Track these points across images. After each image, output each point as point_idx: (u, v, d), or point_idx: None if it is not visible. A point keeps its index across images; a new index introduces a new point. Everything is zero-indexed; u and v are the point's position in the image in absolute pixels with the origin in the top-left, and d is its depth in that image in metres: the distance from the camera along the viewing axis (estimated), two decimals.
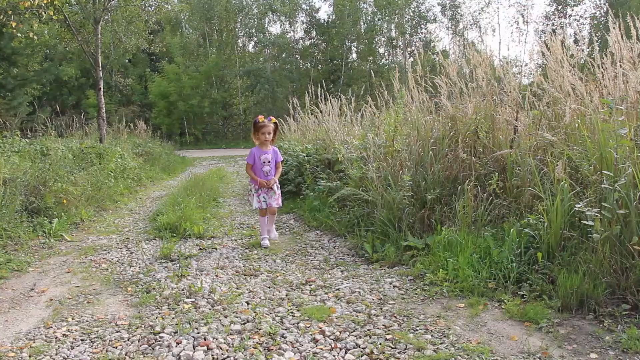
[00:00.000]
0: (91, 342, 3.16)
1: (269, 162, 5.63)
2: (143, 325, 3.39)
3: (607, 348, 2.90)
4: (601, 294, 3.35)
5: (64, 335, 3.26)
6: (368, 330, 3.23)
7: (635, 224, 3.41)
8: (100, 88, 14.41)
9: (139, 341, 3.14)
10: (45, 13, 10.75)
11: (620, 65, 4.41)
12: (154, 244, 5.80)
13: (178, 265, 4.86)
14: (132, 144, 15.42)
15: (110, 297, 4.03)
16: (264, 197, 5.66)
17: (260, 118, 5.61)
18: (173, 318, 3.51)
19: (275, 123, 5.64)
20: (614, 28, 4.46)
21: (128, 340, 3.17)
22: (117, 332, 3.30)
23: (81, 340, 3.18)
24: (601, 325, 3.18)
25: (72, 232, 6.49)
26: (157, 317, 3.54)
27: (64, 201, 6.91)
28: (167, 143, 20.68)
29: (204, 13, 34.76)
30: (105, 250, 5.59)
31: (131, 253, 5.44)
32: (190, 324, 3.39)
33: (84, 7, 14.17)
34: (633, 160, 3.60)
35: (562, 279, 3.47)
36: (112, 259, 5.22)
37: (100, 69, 14.45)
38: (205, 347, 3.02)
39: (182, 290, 4.11)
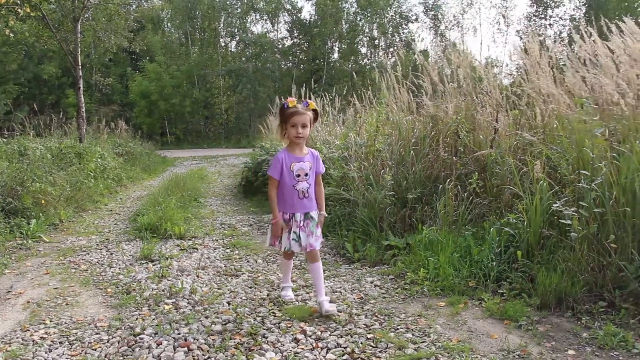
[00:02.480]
0: (70, 344, 3.12)
1: (306, 174, 3.51)
2: (123, 327, 3.36)
3: (584, 344, 2.94)
4: (579, 292, 3.39)
5: (41, 338, 3.22)
6: (349, 329, 3.24)
7: (611, 222, 3.46)
8: (79, 87, 14.25)
9: (118, 343, 3.11)
10: (21, 10, 10.60)
11: (588, 62, 4.47)
12: (134, 245, 5.75)
13: (159, 266, 4.83)
14: (113, 144, 15.30)
15: (89, 299, 3.99)
16: (296, 233, 3.51)
17: (291, 101, 3.45)
18: (153, 319, 3.49)
19: (314, 110, 3.51)
20: (586, 32, 4.52)
21: (107, 342, 3.14)
22: (96, 333, 3.26)
23: (59, 342, 3.14)
24: (579, 322, 3.22)
25: (50, 233, 6.42)
26: (137, 319, 3.51)
27: (43, 202, 6.82)
28: (148, 143, 20.53)
29: (186, 12, 34.54)
30: (84, 251, 5.53)
31: (111, 254, 5.39)
32: (170, 324, 3.37)
33: (62, 4, 13.99)
34: (608, 159, 3.65)
35: (541, 277, 3.50)
36: (92, 260, 5.17)
37: (80, 67, 14.28)
38: (186, 348, 3.00)
39: (163, 291, 4.09)
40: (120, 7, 15.74)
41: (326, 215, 3.80)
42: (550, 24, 34.19)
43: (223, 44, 37.16)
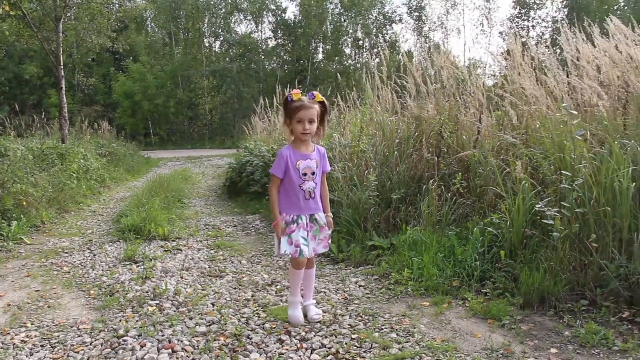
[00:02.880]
0: (51, 347, 3.09)
1: (313, 173, 3.26)
2: (106, 329, 3.33)
3: (566, 343, 2.97)
4: (561, 291, 3.42)
5: (22, 341, 3.18)
6: (334, 329, 3.24)
7: (592, 222, 3.50)
8: (62, 87, 14.11)
9: (101, 345, 3.09)
10: (1, 8, 10.46)
11: (570, 63, 4.53)
12: (117, 246, 5.71)
13: (142, 267, 4.80)
14: (96, 145, 15.17)
15: (72, 301, 3.95)
16: (304, 237, 3.26)
17: (296, 94, 3.17)
18: (137, 321, 3.46)
19: (322, 102, 3.22)
20: (568, 34, 4.58)
21: (90, 344, 3.11)
22: (79, 336, 3.23)
23: (41, 346, 3.11)
24: (561, 320, 3.26)
25: (32, 234, 6.35)
26: (120, 320, 3.48)
27: (24, 203, 6.74)
28: (131, 143, 20.38)
29: (170, 12, 34.35)
30: (67, 252, 5.48)
31: (94, 255, 5.34)
32: (154, 326, 3.34)
33: (43, 3, 13.83)
34: (588, 160, 3.70)
35: (524, 276, 3.54)
36: (74, 261, 5.12)
37: (62, 67, 14.14)
38: (170, 350, 2.98)
39: (147, 292, 4.06)
40: (102, 6, 15.60)
41: (332, 216, 3.50)
42: (532, 26, 34.59)
43: (207, 44, 37.04)
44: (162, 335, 3.19)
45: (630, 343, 2.87)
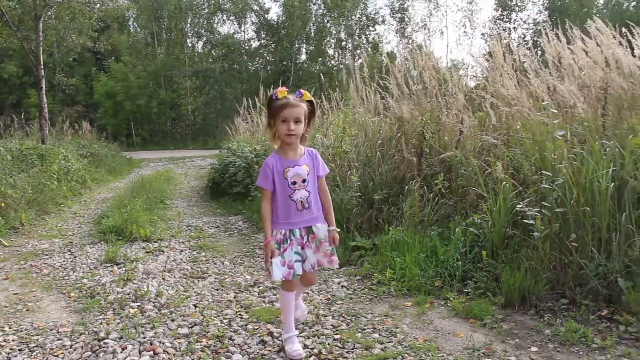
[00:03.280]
0: (30, 351, 3.04)
1: (303, 180, 2.90)
2: (87, 332, 3.30)
3: (546, 341, 3.01)
4: (542, 290, 3.46)
5: None
6: (316, 330, 3.24)
7: (572, 221, 3.54)
8: (42, 87, 13.92)
9: (82, 348, 3.05)
10: None
11: (551, 65, 4.58)
12: (98, 248, 5.66)
13: (124, 269, 4.75)
14: (77, 145, 15.01)
15: (51, 304, 3.90)
16: (298, 253, 2.91)
17: (281, 92, 2.85)
18: (118, 323, 3.43)
19: (310, 102, 2.91)
20: (549, 36, 4.63)
21: (70, 347, 3.08)
22: (58, 339, 3.19)
23: (19, 350, 3.06)
24: (542, 319, 3.29)
25: (10, 237, 6.26)
26: (101, 323, 3.45)
27: (2, 204, 6.65)
28: (113, 144, 20.19)
29: (152, 12, 34.12)
30: (46, 255, 5.41)
31: (75, 257, 5.28)
32: (136, 328, 3.32)
33: (22, 2, 13.65)
34: (569, 160, 3.74)
35: (506, 276, 3.56)
36: (54, 264, 5.06)
37: (42, 67, 13.96)
38: (151, 352, 2.96)
39: (128, 294, 4.03)
40: (84, 5, 15.45)
41: (338, 230, 3.04)
42: (514, 28, 34.89)
43: (190, 45, 36.86)
44: (144, 338, 3.17)
45: (609, 340, 2.91)
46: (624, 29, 4.43)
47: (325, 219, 2.98)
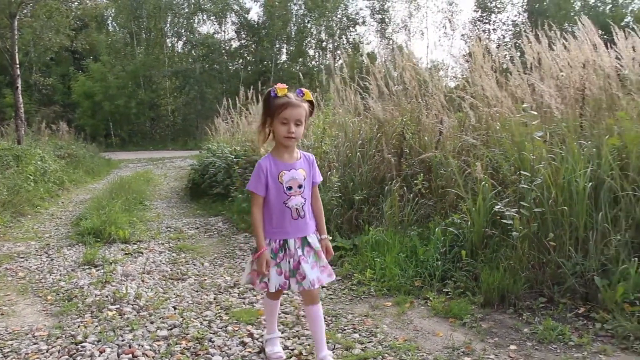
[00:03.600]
0: (4, 356, 2.98)
1: (300, 186, 2.66)
2: (64, 335, 3.25)
3: (525, 339, 3.04)
4: (520, 289, 3.49)
5: None
6: (296, 331, 3.24)
7: (550, 221, 3.58)
8: (18, 87, 13.70)
9: (58, 352, 3.01)
10: None
11: (537, 72, 4.64)
12: (76, 250, 5.58)
13: (102, 271, 4.70)
14: (54, 146, 14.80)
15: (27, 307, 3.84)
16: (289, 264, 2.65)
17: (281, 89, 2.59)
18: (96, 326, 3.39)
19: (310, 102, 2.66)
20: (529, 37, 4.68)
21: (47, 352, 3.03)
22: (34, 344, 3.14)
23: None
24: (520, 318, 3.32)
25: None
26: (79, 326, 3.40)
27: None
28: (91, 145, 19.95)
29: (131, 11, 33.80)
30: (22, 257, 5.32)
31: (52, 260, 5.21)
32: (114, 331, 3.28)
33: None
34: (547, 161, 3.78)
35: (485, 275, 3.59)
36: (30, 266, 4.98)
37: (18, 66, 13.74)
38: (130, 355, 2.93)
39: (107, 296, 3.98)
40: (61, 3, 15.24)
41: (330, 238, 2.89)
42: (494, 29, 35.20)
43: (170, 45, 36.57)
44: (122, 340, 3.13)
45: (585, 338, 2.95)
46: (600, 31, 4.50)
47: (316, 227, 2.77)
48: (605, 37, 4.48)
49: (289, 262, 2.63)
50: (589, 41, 4.43)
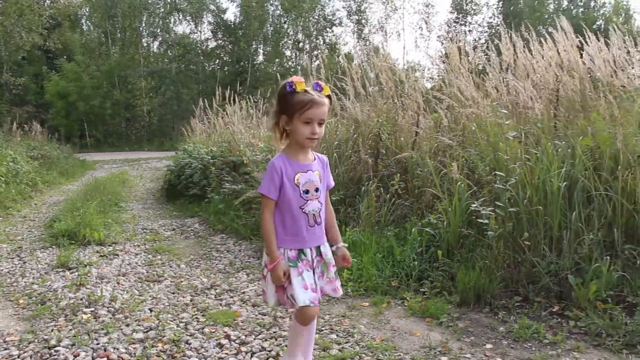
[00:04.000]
0: None
1: (317, 189, 2.39)
2: (36, 340, 3.18)
3: (501, 338, 3.07)
4: (496, 288, 3.53)
5: None
6: (274, 332, 3.22)
7: (525, 220, 3.63)
8: None
9: (31, 357, 2.94)
10: None
11: (512, 73, 4.69)
12: (50, 253, 5.49)
13: (77, 273, 4.62)
14: (27, 147, 14.54)
15: None
16: (310, 275, 2.36)
17: (299, 82, 2.31)
18: (70, 330, 3.33)
19: (328, 97, 2.36)
20: (505, 39, 4.74)
21: (18, 357, 2.96)
22: (5, 349, 3.06)
23: None
24: (496, 317, 3.36)
25: None
26: (52, 330, 3.33)
27: None
28: (65, 146, 19.63)
29: (106, 10, 33.40)
30: None
31: (24, 263, 5.11)
32: (89, 334, 3.23)
33: None
34: (522, 161, 3.83)
35: (461, 275, 3.62)
36: (2, 270, 4.87)
37: None
38: (105, 358, 2.89)
39: (81, 299, 3.92)
40: (33, 1, 14.98)
41: (346, 245, 2.58)
42: (469, 30, 35.58)
43: (145, 45, 36.23)
44: (97, 344, 3.08)
45: (560, 335, 2.99)
46: (573, 34, 4.57)
47: (329, 235, 2.50)
48: (577, 39, 4.55)
49: (309, 270, 2.35)
50: (564, 43, 4.50)
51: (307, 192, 2.35)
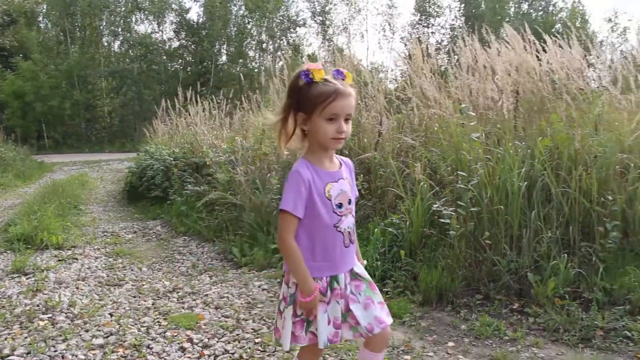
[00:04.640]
0: None
1: (349, 201, 1.97)
2: None
3: (462, 336, 3.11)
4: (458, 287, 3.57)
5: None
6: (237, 334, 3.20)
7: (486, 220, 3.68)
8: None
9: None
10: None
11: (473, 75, 4.76)
12: (4, 258, 5.32)
13: (33, 279, 4.50)
14: None
15: None
16: (338, 308, 1.94)
17: (317, 71, 1.82)
18: (26, 337, 3.23)
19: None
20: (466, 40, 4.80)
21: None
22: None
23: None
24: (458, 315, 3.40)
25: None
26: (6, 338, 3.22)
27: None
28: (22, 147, 19.14)
29: (64, 7, 32.63)
30: None
31: None
32: (46, 342, 3.14)
33: None
34: (484, 161, 3.89)
35: (423, 274, 3.65)
36: None
37: None
38: None
39: (38, 306, 3.81)
40: None
41: (365, 262, 2.22)
42: (432, 32, 36.00)
43: (106, 44, 35.55)
44: (55, 351, 3.01)
45: (519, 332, 3.05)
46: (532, 37, 4.67)
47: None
48: (537, 42, 4.64)
49: (338, 302, 1.93)
50: (520, 46, 4.59)
51: (340, 205, 1.92)
